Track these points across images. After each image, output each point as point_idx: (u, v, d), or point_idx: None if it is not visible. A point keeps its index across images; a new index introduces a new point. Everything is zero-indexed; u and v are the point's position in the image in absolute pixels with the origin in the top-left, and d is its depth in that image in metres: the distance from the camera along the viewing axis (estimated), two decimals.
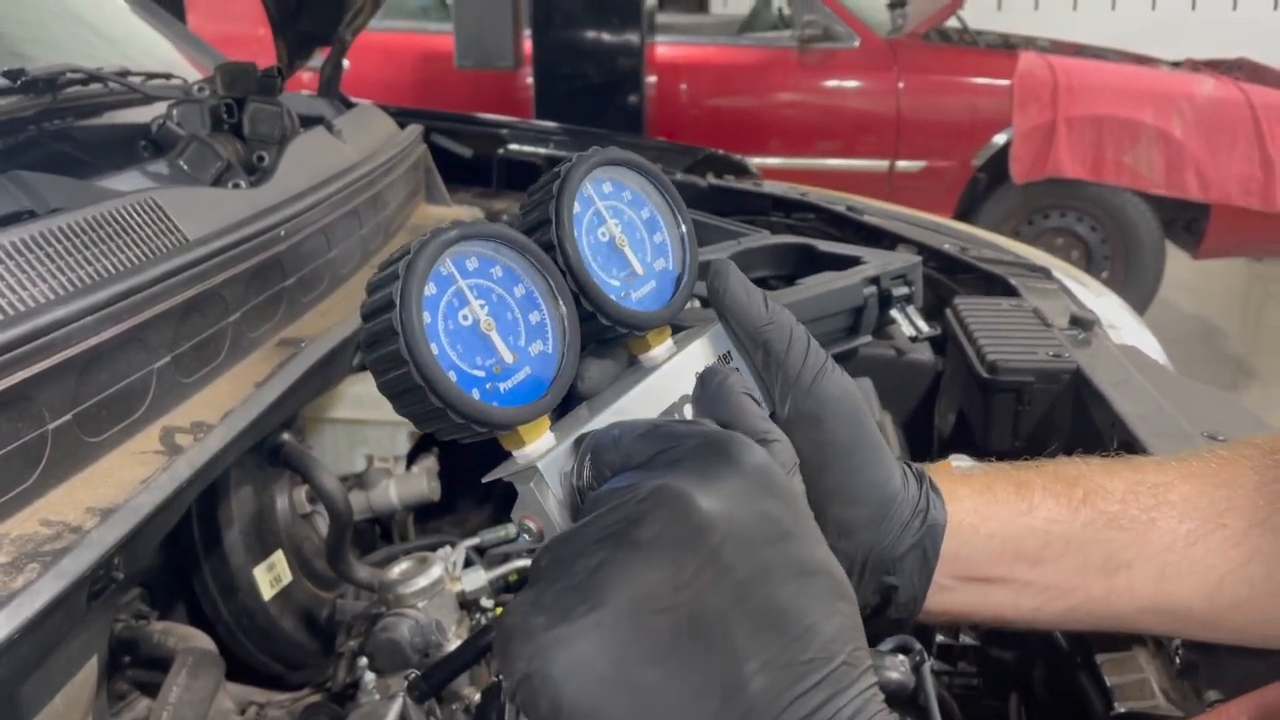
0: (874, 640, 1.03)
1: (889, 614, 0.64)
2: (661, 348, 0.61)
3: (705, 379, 0.57)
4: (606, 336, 0.59)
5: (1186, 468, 0.65)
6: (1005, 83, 4.73)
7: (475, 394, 0.51)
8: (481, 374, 0.52)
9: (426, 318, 0.50)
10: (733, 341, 0.62)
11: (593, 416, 0.56)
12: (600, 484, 0.50)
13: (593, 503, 0.48)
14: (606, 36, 4.68)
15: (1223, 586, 0.62)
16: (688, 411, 0.58)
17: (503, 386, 0.53)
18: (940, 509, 0.63)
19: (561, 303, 0.55)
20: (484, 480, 0.55)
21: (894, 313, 1.55)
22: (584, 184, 0.57)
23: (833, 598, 0.47)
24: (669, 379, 0.59)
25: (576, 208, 0.57)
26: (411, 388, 0.50)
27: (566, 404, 0.58)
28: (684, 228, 0.61)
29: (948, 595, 0.63)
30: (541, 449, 0.54)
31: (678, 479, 0.46)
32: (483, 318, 0.52)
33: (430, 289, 0.50)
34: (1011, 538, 0.63)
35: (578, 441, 0.53)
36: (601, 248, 0.58)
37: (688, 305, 0.62)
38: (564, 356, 0.55)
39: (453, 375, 0.50)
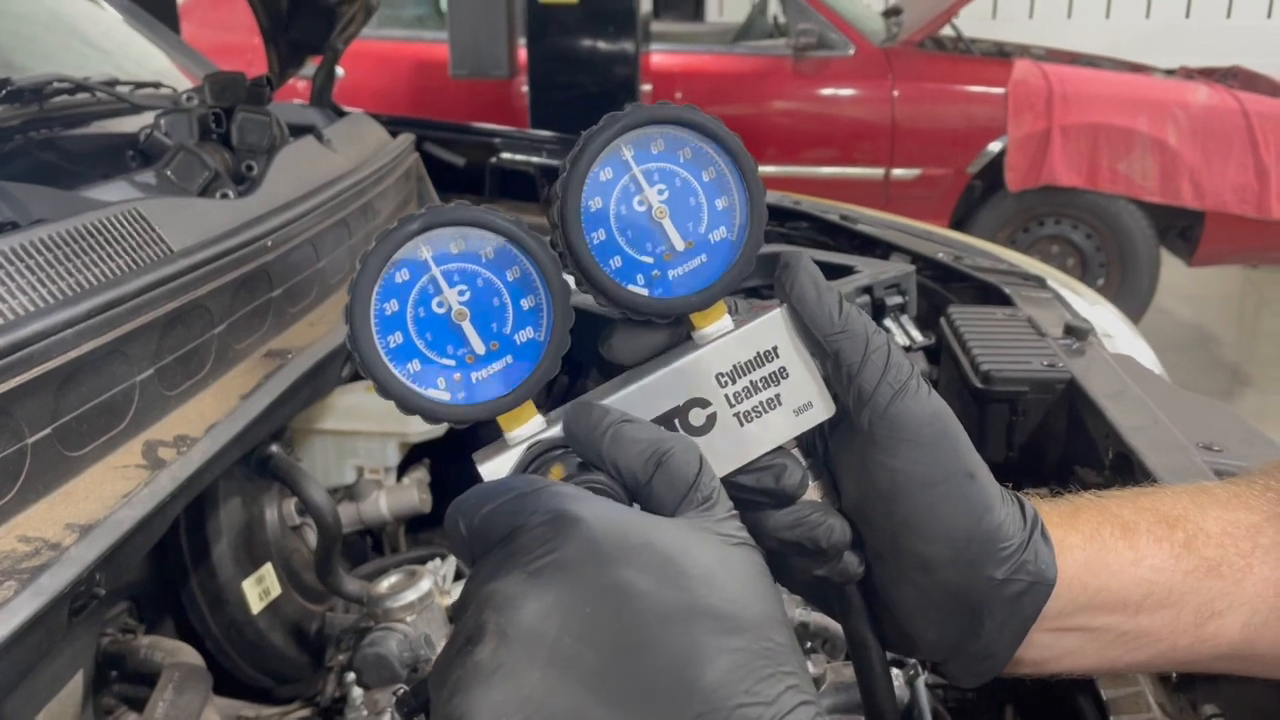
0: None
1: (958, 663, 0.59)
2: (712, 326, 0.55)
3: (571, 422, 0.52)
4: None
5: (1267, 504, 0.61)
6: (1000, 90, 4.74)
7: (440, 384, 0.51)
8: (451, 364, 0.51)
9: (394, 305, 0.50)
10: (801, 338, 0.56)
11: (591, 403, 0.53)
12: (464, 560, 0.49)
13: (454, 616, 0.48)
14: (602, 45, 4.68)
15: None
16: (694, 416, 0.55)
17: (475, 376, 0.51)
18: (1050, 564, 0.56)
19: (552, 288, 0.52)
20: (472, 456, 0.54)
21: (887, 322, 1.54)
22: (619, 147, 0.53)
23: (715, 635, 0.44)
24: (708, 363, 0.55)
25: (608, 174, 0.53)
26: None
27: (609, 371, 0.56)
28: (749, 192, 0.54)
29: (1034, 650, 0.58)
30: (526, 434, 0.53)
31: (507, 580, 0.44)
32: (455, 306, 0.51)
33: (403, 275, 0.50)
34: (1118, 590, 0.58)
35: (531, 445, 0.52)
36: (634, 219, 0.53)
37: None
38: (546, 347, 0.52)
39: (416, 365, 0.50)
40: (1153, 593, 0.58)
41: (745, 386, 0.55)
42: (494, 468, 0.52)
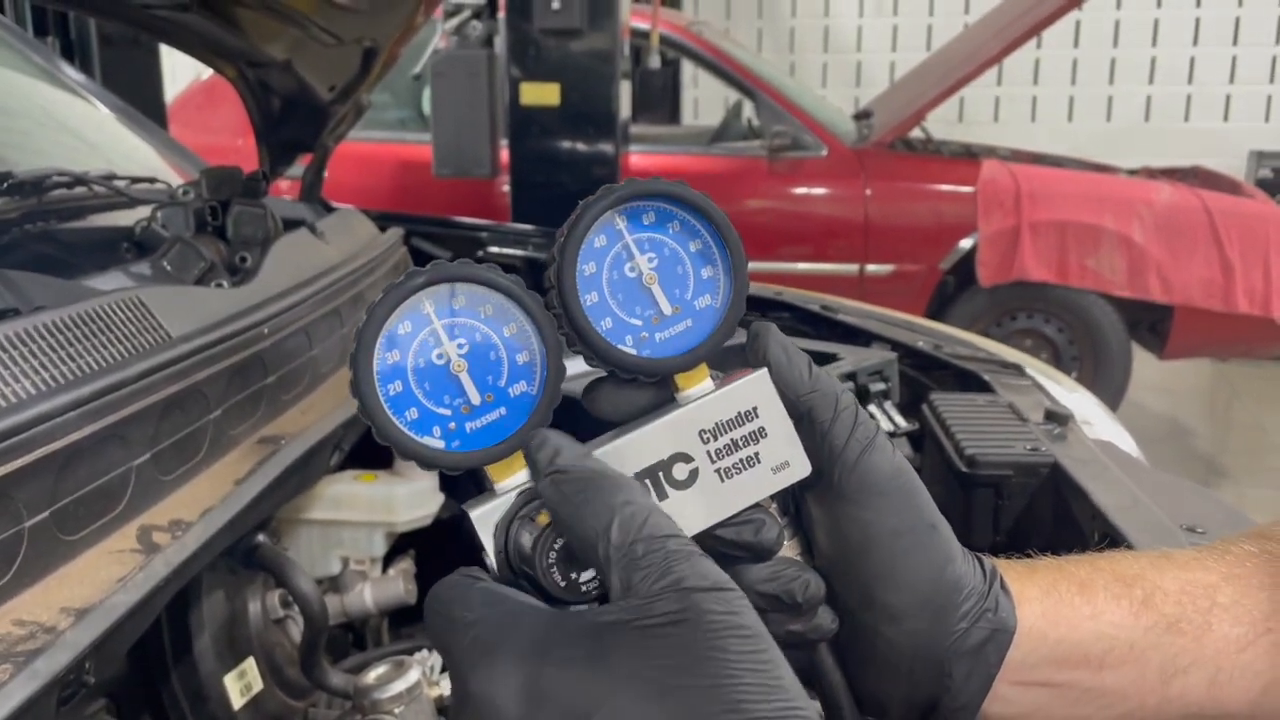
0: None
1: (937, 717, 0.60)
2: (695, 387, 0.58)
3: (547, 487, 0.53)
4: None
5: (1225, 566, 0.63)
6: (969, 189, 4.86)
7: (435, 432, 0.53)
8: (447, 413, 0.53)
9: (396, 355, 0.52)
10: (779, 400, 0.58)
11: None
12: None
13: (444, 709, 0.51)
14: (582, 146, 4.78)
15: (1267, 692, 0.61)
16: (678, 471, 0.57)
17: (469, 426, 0.53)
18: (1010, 612, 0.59)
19: (547, 344, 0.55)
20: (462, 506, 0.56)
21: (871, 409, 1.56)
22: (614, 217, 0.56)
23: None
24: (692, 419, 0.57)
25: (602, 241, 0.56)
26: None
27: (599, 427, 0.58)
28: (732, 262, 0.58)
29: (1001, 704, 0.60)
30: (514, 484, 0.55)
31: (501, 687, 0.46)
32: (454, 358, 0.53)
33: (406, 327, 0.52)
34: (1078, 644, 0.60)
35: (523, 493, 0.54)
36: (625, 284, 0.56)
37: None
38: (538, 400, 0.55)
39: (413, 412, 0.52)
40: (1113, 648, 0.60)
41: (726, 444, 0.58)
42: (484, 514, 0.54)
